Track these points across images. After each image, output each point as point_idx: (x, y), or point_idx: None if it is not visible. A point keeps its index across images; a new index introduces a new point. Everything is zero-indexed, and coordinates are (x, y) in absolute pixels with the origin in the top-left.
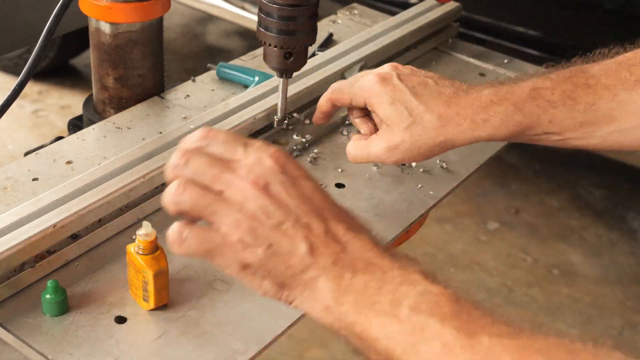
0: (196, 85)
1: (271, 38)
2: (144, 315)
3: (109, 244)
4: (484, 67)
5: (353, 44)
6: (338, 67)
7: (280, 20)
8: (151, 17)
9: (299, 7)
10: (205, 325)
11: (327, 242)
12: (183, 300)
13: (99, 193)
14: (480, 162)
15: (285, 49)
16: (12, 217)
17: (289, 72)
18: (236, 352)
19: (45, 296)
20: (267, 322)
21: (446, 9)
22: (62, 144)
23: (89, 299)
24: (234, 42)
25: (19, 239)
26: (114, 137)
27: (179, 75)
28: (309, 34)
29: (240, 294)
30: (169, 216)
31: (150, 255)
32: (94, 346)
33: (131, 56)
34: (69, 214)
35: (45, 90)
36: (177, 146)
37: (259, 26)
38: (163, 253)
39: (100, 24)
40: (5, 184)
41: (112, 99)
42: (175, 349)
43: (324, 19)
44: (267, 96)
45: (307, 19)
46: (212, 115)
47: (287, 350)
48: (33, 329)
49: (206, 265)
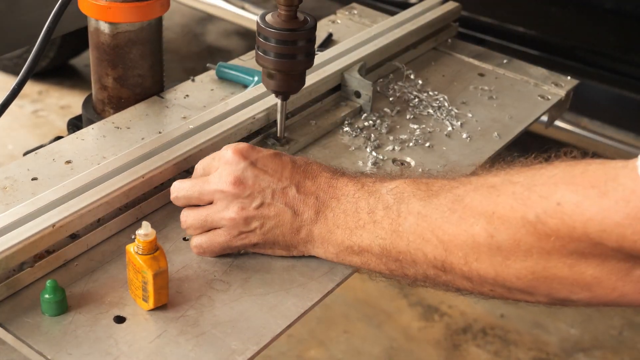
0: (195, 85)
1: (269, 62)
2: (143, 315)
3: (108, 243)
4: (484, 67)
5: (352, 44)
6: (337, 67)
7: (278, 44)
8: (150, 17)
9: (296, 32)
10: (204, 325)
11: (303, 200)
12: (182, 300)
13: (98, 193)
14: (480, 162)
15: (283, 72)
16: (11, 216)
17: (286, 95)
18: (235, 352)
19: (44, 296)
20: (266, 321)
21: (446, 9)
22: (62, 143)
23: (88, 298)
24: (233, 42)
25: (18, 238)
26: (113, 136)
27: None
28: (307, 58)
29: (239, 293)
30: (168, 216)
31: (150, 255)
32: (93, 346)
33: (130, 56)
34: (68, 214)
35: (45, 90)
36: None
37: (258, 50)
38: (162, 253)
39: (99, 24)
40: (4, 183)
41: (112, 99)
42: (174, 349)
43: (324, 19)
44: (266, 96)
45: (304, 42)
46: (212, 115)
47: (286, 350)
48: (32, 329)
49: (205, 265)
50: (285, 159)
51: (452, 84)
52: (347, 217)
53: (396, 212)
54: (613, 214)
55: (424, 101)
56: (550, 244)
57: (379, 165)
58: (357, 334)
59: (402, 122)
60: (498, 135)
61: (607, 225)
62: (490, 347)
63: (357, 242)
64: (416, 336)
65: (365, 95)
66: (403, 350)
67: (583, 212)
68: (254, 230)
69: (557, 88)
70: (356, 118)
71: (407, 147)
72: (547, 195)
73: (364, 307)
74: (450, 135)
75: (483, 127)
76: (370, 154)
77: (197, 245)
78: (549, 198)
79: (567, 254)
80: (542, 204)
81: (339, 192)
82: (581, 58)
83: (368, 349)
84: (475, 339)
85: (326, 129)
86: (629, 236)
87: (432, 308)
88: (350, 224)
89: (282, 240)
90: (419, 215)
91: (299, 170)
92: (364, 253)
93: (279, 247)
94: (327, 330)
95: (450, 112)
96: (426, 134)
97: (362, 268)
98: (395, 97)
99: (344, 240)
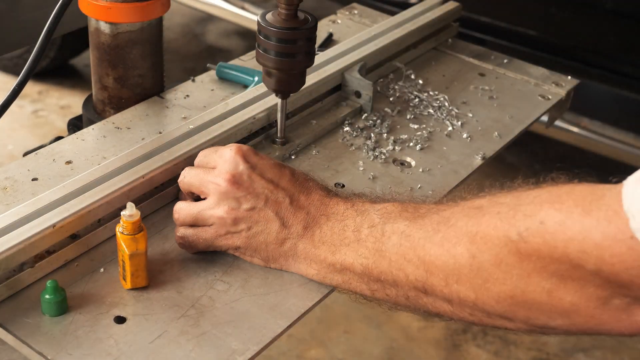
0: (196, 85)
1: (270, 60)
2: (143, 315)
3: (108, 243)
4: (484, 67)
5: (353, 44)
6: (338, 67)
7: (279, 43)
8: (151, 17)
9: (296, 30)
10: (205, 325)
11: (294, 213)
12: (182, 300)
13: (98, 193)
14: (480, 162)
15: (283, 71)
16: (11, 217)
17: (287, 94)
18: (235, 352)
19: (44, 296)
20: (266, 322)
21: (446, 9)
22: (62, 144)
23: (88, 299)
24: (233, 42)
25: (19, 239)
26: (114, 137)
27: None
28: (307, 56)
29: (240, 293)
30: (168, 216)
31: (131, 236)
32: (93, 346)
33: (130, 56)
34: (68, 214)
35: (45, 90)
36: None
37: (258, 48)
38: (144, 236)
39: (99, 24)
40: (4, 184)
41: (112, 99)
42: (174, 349)
43: (324, 19)
44: (266, 96)
45: (304, 41)
46: (212, 115)
47: (287, 350)
48: (32, 329)
49: (205, 265)
50: (285, 170)
51: (453, 83)
52: (334, 235)
53: (381, 231)
54: (593, 234)
55: (425, 101)
56: (531, 264)
57: (381, 161)
58: (358, 334)
59: (403, 122)
60: (498, 135)
61: (587, 246)
62: (490, 347)
63: (340, 260)
64: (416, 336)
65: (365, 95)
66: (403, 350)
67: (565, 230)
68: (239, 232)
69: (558, 88)
70: (356, 118)
71: (408, 147)
72: (531, 214)
73: (364, 307)
74: (451, 135)
75: (483, 127)
76: (370, 153)
77: (182, 236)
78: (533, 217)
79: (547, 277)
80: (525, 222)
81: (329, 210)
82: (581, 58)
83: (368, 349)
84: (475, 339)
85: (326, 129)
86: (607, 259)
87: None
88: (336, 241)
89: (264, 249)
90: (402, 235)
91: (296, 184)
92: (346, 272)
93: (259, 257)
94: (327, 330)
95: (450, 112)
96: (426, 134)
97: (343, 288)
98: (395, 97)
99: (327, 256)
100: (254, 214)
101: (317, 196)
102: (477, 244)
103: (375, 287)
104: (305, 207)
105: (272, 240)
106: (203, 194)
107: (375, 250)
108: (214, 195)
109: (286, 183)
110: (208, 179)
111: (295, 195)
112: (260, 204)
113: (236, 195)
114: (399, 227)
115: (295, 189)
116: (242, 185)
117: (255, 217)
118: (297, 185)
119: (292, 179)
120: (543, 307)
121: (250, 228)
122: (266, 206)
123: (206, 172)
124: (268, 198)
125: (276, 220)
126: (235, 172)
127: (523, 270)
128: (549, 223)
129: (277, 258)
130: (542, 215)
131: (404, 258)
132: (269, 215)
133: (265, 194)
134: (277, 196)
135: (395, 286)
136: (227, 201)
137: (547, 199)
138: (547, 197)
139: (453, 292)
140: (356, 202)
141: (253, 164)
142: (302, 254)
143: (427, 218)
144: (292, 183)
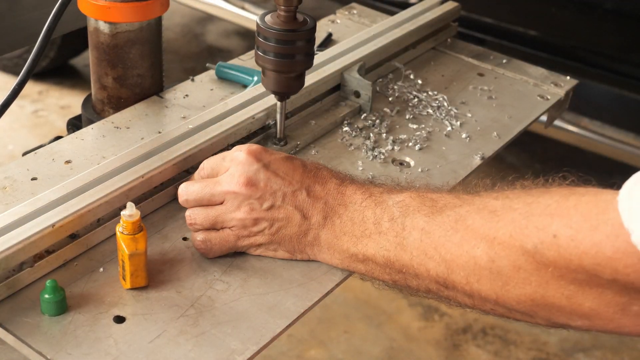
0: (195, 85)
1: (269, 62)
2: (143, 315)
3: (108, 243)
4: (483, 67)
5: (352, 44)
6: (337, 67)
7: (278, 44)
8: (150, 17)
9: (295, 32)
10: (204, 325)
11: (312, 203)
12: (182, 300)
13: (97, 193)
14: (479, 162)
15: (282, 72)
16: (11, 216)
17: (285, 95)
18: (235, 352)
19: (44, 296)
20: (266, 321)
21: (445, 9)
22: (61, 143)
23: (87, 298)
24: (233, 42)
25: (18, 238)
26: (113, 136)
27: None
28: (306, 58)
29: (239, 293)
30: (168, 216)
31: (130, 236)
32: (92, 346)
33: (130, 56)
34: (67, 214)
35: (45, 90)
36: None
37: (257, 50)
38: (144, 236)
39: (99, 24)
40: (4, 183)
41: (111, 99)
42: (174, 349)
43: (323, 19)
44: (266, 96)
45: (303, 43)
46: (211, 115)
47: (286, 350)
48: (32, 329)
49: (205, 264)
50: (297, 162)
51: (452, 83)
52: (354, 225)
53: (401, 225)
54: (605, 248)
55: (424, 101)
56: (548, 273)
57: (381, 160)
58: (357, 334)
59: (402, 122)
60: (497, 135)
61: (601, 259)
62: (490, 347)
63: (362, 250)
64: (416, 336)
65: (364, 95)
66: (403, 350)
67: (577, 245)
68: (262, 231)
69: (557, 88)
70: (356, 118)
71: (407, 147)
72: (543, 227)
73: (364, 307)
74: (450, 135)
75: (482, 127)
76: (369, 153)
77: (205, 240)
78: (546, 230)
79: (565, 284)
80: (539, 235)
81: (347, 199)
82: (581, 58)
83: (368, 349)
84: (475, 338)
85: (326, 129)
86: (621, 269)
87: (432, 308)
88: (357, 232)
89: (289, 242)
90: (422, 231)
91: (310, 175)
92: (368, 262)
93: (283, 249)
94: (327, 330)
95: (449, 112)
96: (425, 134)
97: (366, 275)
98: (394, 97)
99: (350, 247)
100: (274, 211)
101: (332, 185)
102: (495, 249)
103: (397, 277)
104: (322, 197)
105: (294, 233)
106: (217, 204)
107: (397, 244)
108: (232, 202)
109: (300, 175)
110: (221, 189)
111: (311, 186)
112: (279, 201)
113: (254, 196)
114: (418, 222)
115: (309, 180)
116: (258, 186)
117: (275, 214)
118: (311, 176)
119: (305, 170)
120: (563, 310)
121: (272, 225)
122: (284, 202)
123: (214, 183)
124: (285, 193)
125: (296, 213)
126: (250, 174)
127: (541, 278)
128: (562, 238)
129: (303, 249)
130: (554, 229)
131: (425, 254)
132: (289, 209)
133: (282, 190)
134: (294, 190)
135: (417, 278)
136: (246, 202)
137: (557, 211)
138: (556, 209)
139: (474, 290)
140: (373, 191)
141: (266, 163)
142: (325, 244)
143: (444, 214)
144: (306, 174)
